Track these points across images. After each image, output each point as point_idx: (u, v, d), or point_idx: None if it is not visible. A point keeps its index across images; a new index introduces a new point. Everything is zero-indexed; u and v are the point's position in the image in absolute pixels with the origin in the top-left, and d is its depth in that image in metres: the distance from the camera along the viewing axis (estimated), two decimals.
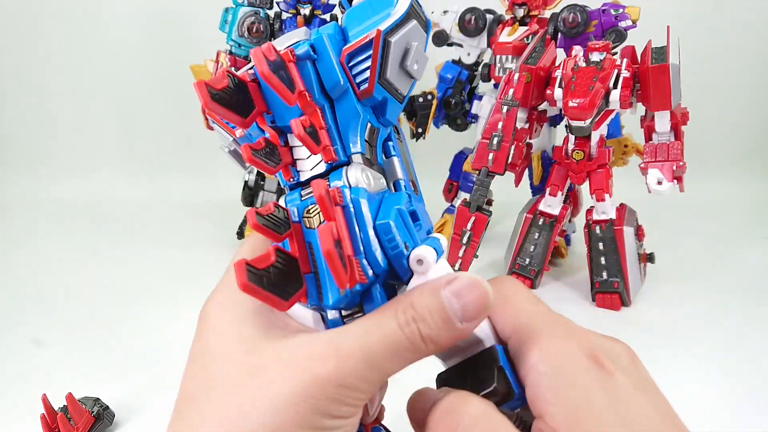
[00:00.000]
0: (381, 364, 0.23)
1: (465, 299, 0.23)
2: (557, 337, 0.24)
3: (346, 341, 0.23)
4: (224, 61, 1.01)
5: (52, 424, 0.63)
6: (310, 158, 0.26)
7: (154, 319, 0.89)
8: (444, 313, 0.23)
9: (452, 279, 0.24)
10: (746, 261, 1.05)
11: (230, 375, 0.24)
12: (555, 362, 0.23)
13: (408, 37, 0.26)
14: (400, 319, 0.23)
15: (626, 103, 0.80)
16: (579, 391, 0.22)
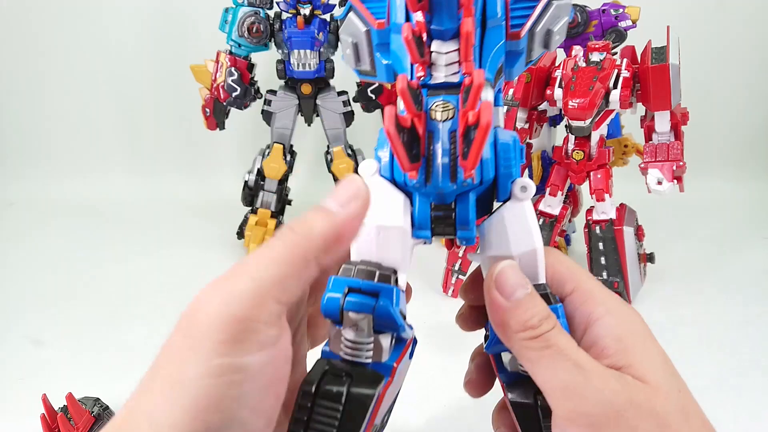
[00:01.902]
0: (263, 284, 0.23)
1: (337, 195, 0.25)
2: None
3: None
4: (224, 61, 1.01)
5: (52, 424, 0.63)
6: (449, 66, 0.28)
7: (154, 318, 0.89)
8: (318, 207, 0.25)
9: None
10: (746, 261, 1.05)
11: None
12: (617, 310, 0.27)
13: (562, 10, 0.29)
14: (286, 227, 0.25)
15: (626, 103, 0.80)
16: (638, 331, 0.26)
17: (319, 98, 1.05)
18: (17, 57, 1.43)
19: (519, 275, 0.26)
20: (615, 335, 0.26)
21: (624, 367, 0.25)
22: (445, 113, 0.27)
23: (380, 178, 0.28)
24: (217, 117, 1.05)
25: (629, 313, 0.27)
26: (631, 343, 0.26)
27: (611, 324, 0.26)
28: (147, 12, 1.38)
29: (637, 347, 0.25)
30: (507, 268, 0.26)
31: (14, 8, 1.39)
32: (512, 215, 0.28)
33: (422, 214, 0.27)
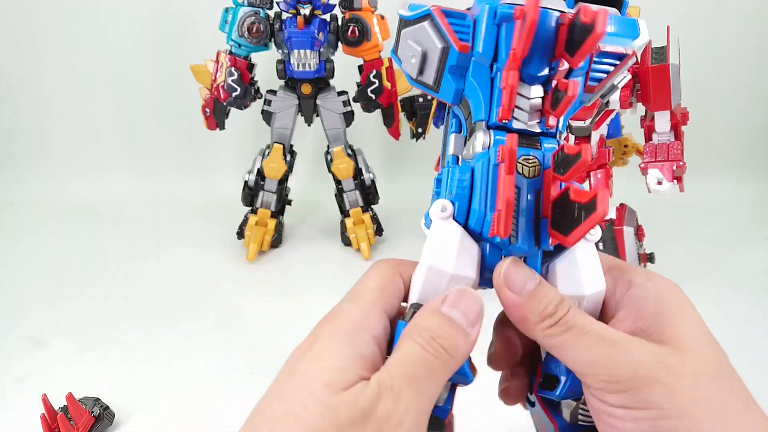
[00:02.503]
0: (424, 389, 0.24)
1: (461, 307, 0.26)
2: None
3: (394, 377, 0.24)
4: (224, 61, 1.01)
5: (52, 424, 0.63)
6: (533, 113, 0.28)
7: (154, 318, 0.89)
8: (452, 323, 0.25)
9: (443, 297, 0.26)
10: (746, 261, 1.05)
11: (304, 410, 0.24)
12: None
13: (627, 67, 0.30)
14: (420, 343, 0.25)
15: (626, 103, 0.80)
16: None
17: (319, 98, 1.05)
18: (17, 57, 1.43)
19: (524, 269, 0.27)
20: (653, 297, 0.26)
21: (659, 330, 0.25)
22: (533, 170, 0.27)
23: (454, 224, 0.28)
24: (217, 117, 1.05)
25: (668, 281, 0.28)
26: (668, 305, 0.26)
27: (650, 287, 0.27)
28: (147, 12, 1.38)
29: (674, 310, 0.26)
30: (511, 266, 0.27)
31: (14, 8, 1.39)
32: (584, 256, 0.28)
33: (492, 265, 0.27)
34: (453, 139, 0.31)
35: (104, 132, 1.48)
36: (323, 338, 0.26)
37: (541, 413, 0.29)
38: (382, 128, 1.11)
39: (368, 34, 1.01)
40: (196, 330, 0.86)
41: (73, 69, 1.43)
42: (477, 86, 0.28)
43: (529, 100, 0.27)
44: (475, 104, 0.29)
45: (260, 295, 0.97)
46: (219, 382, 0.74)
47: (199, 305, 0.93)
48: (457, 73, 0.29)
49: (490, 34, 0.27)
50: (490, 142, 0.28)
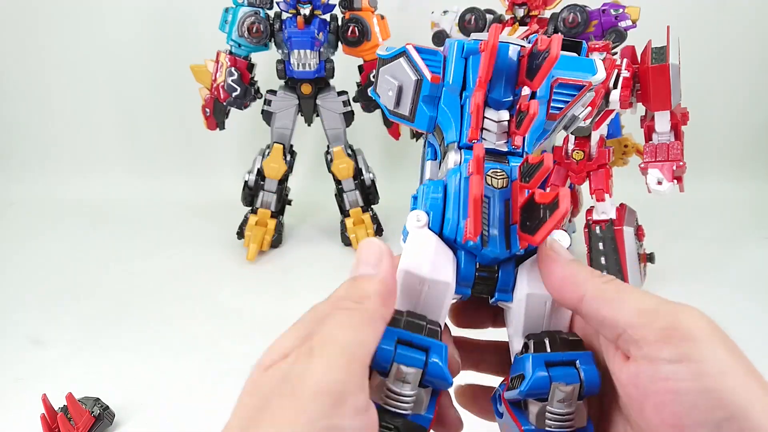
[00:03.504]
0: (339, 339, 0.24)
1: (360, 260, 0.27)
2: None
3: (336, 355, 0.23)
4: (224, 61, 1.01)
5: (52, 424, 0.63)
6: (500, 135, 0.31)
7: (154, 318, 0.89)
8: (354, 279, 0.27)
9: (353, 267, 0.28)
10: (746, 261, 1.05)
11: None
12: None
13: (588, 99, 0.33)
14: (331, 311, 0.25)
15: (626, 103, 0.80)
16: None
17: (319, 98, 1.05)
18: (17, 57, 1.43)
19: (567, 251, 0.28)
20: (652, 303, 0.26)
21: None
22: (501, 181, 0.29)
23: (429, 232, 0.29)
24: (217, 117, 1.05)
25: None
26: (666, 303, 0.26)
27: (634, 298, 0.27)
28: (147, 12, 1.38)
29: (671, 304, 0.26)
30: (557, 242, 0.28)
31: (15, 9, 1.39)
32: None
33: (467, 272, 0.29)
34: (429, 165, 0.34)
35: (104, 132, 1.48)
36: (329, 350, 0.23)
37: (507, 417, 0.29)
38: (382, 128, 1.11)
39: (368, 34, 1.01)
40: (196, 330, 0.86)
41: (74, 69, 1.43)
42: (448, 112, 0.32)
43: (496, 122, 0.30)
44: (446, 128, 0.32)
45: (260, 295, 0.97)
46: (219, 382, 0.74)
47: (199, 305, 0.93)
48: (430, 102, 0.32)
49: (459, 65, 0.31)
50: (461, 159, 0.30)
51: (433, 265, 0.28)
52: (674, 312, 0.23)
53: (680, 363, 0.22)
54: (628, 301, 0.24)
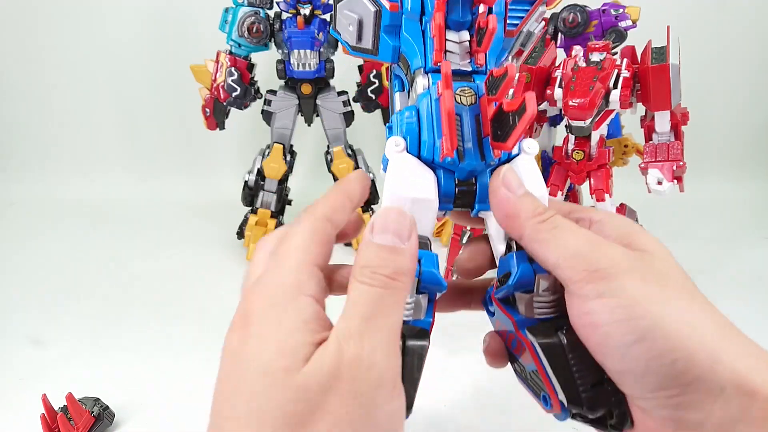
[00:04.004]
0: (384, 322, 0.25)
1: (390, 228, 0.27)
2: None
3: (351, 325, 0.24)
4: (224, 61, 1.01)
5: (52, 424, 0.63)
6: (464, 55, 0.32)
7: (153, 318, 0.89)
8: (387, 248, 0.26)
9: (370, 226, 0.27)
10: (746, 261, 1.05)
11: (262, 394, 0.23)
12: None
13: (540, 15, 0.34)
14: (365, 282, 0.25)
15: (626, 103, 0.80)
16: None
17: (319, 98, 1.05)
18: (17, 57, 1.43)
19: (519, 178, 0.29)
20: (616, 226, 0.29)
21: (627, 244, 0.28)
22: (470, 98, 0.30)
23: (408, 155, 0.30)
24: (217, 117, 1.05)
25: (625, 217, 0.30)
26: (630, 231, 0.28)
27: (608, 221, 0.29)
28: (147, 12, 1.38)
29: (636, 233, 0.28)
30: (508, 171, 0.29)
31: (15, 9, 1.39)
32: (524, 165, 0.31)
33: (447, 188, 0.30)
34: (398, 97, 0.36)
35: (104, 132, 1.48)
36: (257, 315, 0.25)
37: (499, 313, 0.31)
38: (382, 128, 1.11)
39: None
40: (196, 330, 0.86)
41: (74, 69, 1.43)
42: (411, 39, 0.33)
43: (458, 43, 0.32)
44: (411, 56, 0.33)
45: None
46: None
47: (200, 305, 0.93)
48: (392, 32, 0.33)
49: None
50: (429, 82, 0.32)
51: (416, 185, 0.30)
52: (598, 252, 0.26)
53: (599, 299, 0.25)
54: (557, 244, 0.27)
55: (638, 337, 0.24)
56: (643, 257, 0.27)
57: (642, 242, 0.28)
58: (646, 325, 0.24)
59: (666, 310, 0.25)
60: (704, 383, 0.24)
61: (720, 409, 0.24)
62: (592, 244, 0.26)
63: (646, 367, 0.24)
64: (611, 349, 0.25)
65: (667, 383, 0.24)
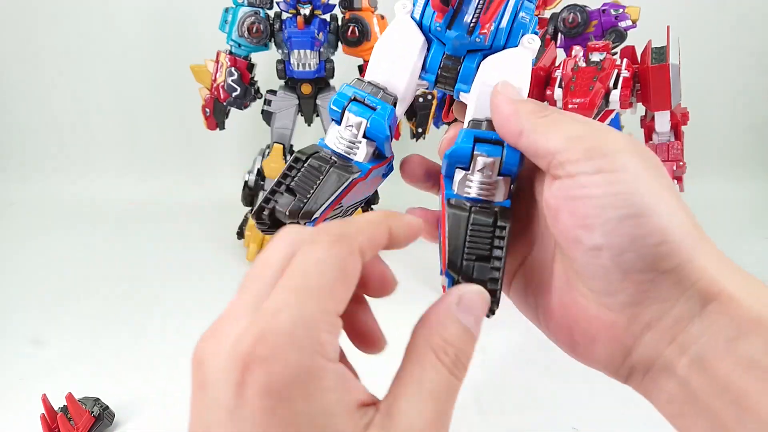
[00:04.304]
0: (448, 419, 0.23)
1: (475, 309, 0.25)
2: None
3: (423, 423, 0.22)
4: (224, 61, 1.01)
5: (52, 424, 0.63)
6: None
7: (153, 318, 0.89)
8: (469, 333, 0.24)
9: (457, 298, 0.24)
10: (746, 261, 1.04)
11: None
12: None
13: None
14: (448, 366, 0.23)
15: (626, 103, 0.80)
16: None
17: (319, 98, 1.05)
18: (17, 57, 1.43)
19: (518, 92, 0.29)
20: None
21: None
22: None
23: (409, 19, 0.31)
24: (217, 117, 1.05)
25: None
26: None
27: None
28: (147, 12, 1.38)
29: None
30: (506, 82, 0.29)
31: (15, 9, 1.39)
32: (514, 56, 0.30)
33: (434, 60, 0.31)
34: None
35: (104, 132, 1.48)
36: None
37: (440, 191, 0.32)
38: None
39: (368, 34, 1.01)
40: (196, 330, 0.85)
41: (74, 69, 1.44)
42: None
43: None
44: None
45: None
46: None
47: (199, 305, 0.93)
48: None
49: None
50: None
51: (403, 45, 0.31)
52: (598, 134, 0.26)
53: (597, 174, 0.24)
54: (559, 130, 0.26)
55: (633, 213, 0.24)
56: (643, 146, 0.26)
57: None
58: (642, 202, 0.24)
59: (662, 194, 0.24)
60: (678, 274, 0.24)
61: (681, 305, 0.24)
62: (594, 128, 0.26)
63: (630, 243, 0.24)
64: (600, 221, 0.24)
65: (645, 266, 0.24)
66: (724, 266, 0.26)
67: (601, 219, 0.24)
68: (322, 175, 0.29)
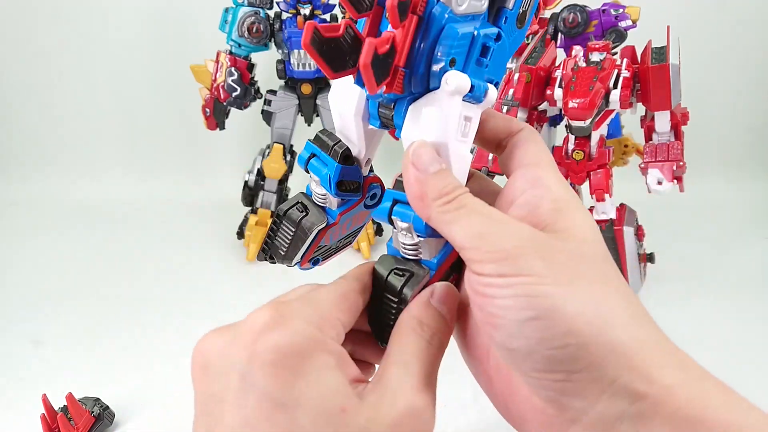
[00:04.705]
0: (435, 380, 0.27)
1: (447, 304, 0.28)
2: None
3: (419, 395, 0.25)
4: (224, 61, 1.01)
5: (52, 424, 0.63)
6: None
7: (154, 318, 0.89)
8: (443, 318, 0.28)
9: (430, 291, 0.28)
10: (746, 261, 1.05)
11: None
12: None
13: None
14: (425, 338, 0.27)
15: (626, 103, 0.80)
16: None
17: (319, 98, 1.05)
18: (18, 57, 1.43)
19: (432, 153, 0.27)
20: (556, 198, 0.27)
21: (552, 223, 0.26)
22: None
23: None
24: (217, 117, 1.05)
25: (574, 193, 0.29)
26: (567, 207, 0.27)
27: (555, 189, 0.27)
28: (147, 12, 1.38)
29: (572, 212, 0.27)
30: (420, 147, 0.27)
31: (15, 9, 1.39)
32: (433, 102, 0.27)
33: (372, 108, 0.30)
34: None
35: (104, 132, 1.48)
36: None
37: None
38: None
39: None
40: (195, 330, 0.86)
41: (74, 69, 1.44)
42: None
43: None
44: None
45: (260, 295, 0.97)
46: None
47: (199, 305, 0.93)
48: None
49: None
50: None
51: (344, 99, 0.31)
52: (500, 233, 0.25)
53: (499, 277, 0.24)
54: (461, 225, 0.26)
55: (535, 315, 0.23)
56: (556, 238, 0.25)
57: (565, 222, 0.26)
58: (546, 304, 0.23)
59: (570, 293, 0.24)
60: (592, 373, 0.23)
61: (605, 402, 0.23)
62: (498, 224, 0.25)
63: (536, 345, 0.23)
64: (505, 321, 0.24)
65: (554, 367, 0.24)
66: (661, 355, 0.24)
67: (505, 320, 0.24)
68: (292, 232, 0.33)
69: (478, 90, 0.27)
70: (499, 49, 0.28)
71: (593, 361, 0.23)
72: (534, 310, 0.23)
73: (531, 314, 0.23)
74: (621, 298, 0.25)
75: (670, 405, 0.22)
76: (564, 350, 0.23)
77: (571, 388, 0.24)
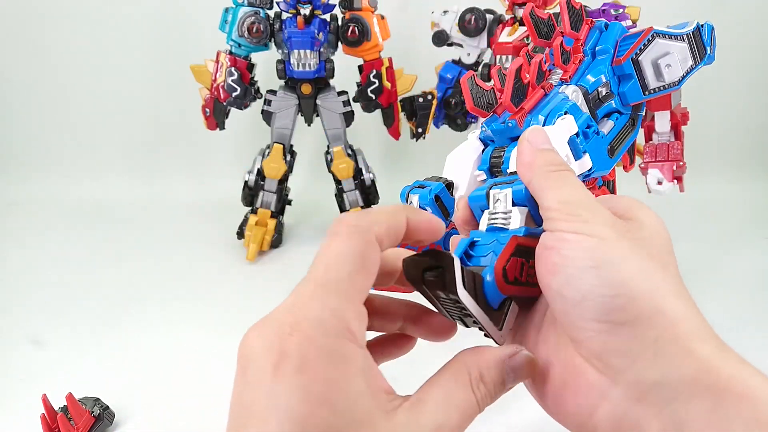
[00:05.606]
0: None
1: (520, 375, 0.27)
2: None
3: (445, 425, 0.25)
4: (224, 61, 1.01)
5: (52, 424, 0.63)
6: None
7: (154, 319, 0.89)
8: (504, 387, 0.27)
9: (513, 353, 0.27)
10: (746, 261, 1.05)
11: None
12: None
13: (671, 49, 0.46)
14: (477, 395, 0.26)
15: None
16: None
17: (319, 98, 1.05)
18: (18, 57, 1.43)
19: (546, 136, 0.32)
20: (623, 204, 0.32)
21: (629, 214, 0.31)
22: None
23: (474, 139, 0.41)
24: (217, 117, 1.05)
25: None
26: (633, 206, 0.32)
27: (621, 201, 0.33)
28: (147, 12, 1.38)
29: (643, 208, 0.32)
30: (536, 129, 0.32)
31: (15, 10, 1.39)
32: (553, 129, 0.37)
33: (486, 155, 0.40)
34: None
35: (104, 132, 1.48)
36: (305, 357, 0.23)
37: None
38: (382, 128, 1.11)
39: (368, 34, 1.01)
40: (195, 330, 0.86)
41: (74, 69, 1.44)
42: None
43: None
44: None
45: (260, 295, 0.97)
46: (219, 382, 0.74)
47: (199, 305, 0.93)
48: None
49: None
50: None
51: (460, 162, 0.40)
52: (584, 204, 0.28)
53: (572, 233, 0.27)
54: (557, 191, 0.29)
55: (595, 265, 0.25)
56: (627, 224, 0.29)
57: (637, 214, 0.30)
58: (606, 258, 0.25)
59: (630, 258, 0.26)
60: (636, 329, 0.24)
61: (644, 363, 0.24)
62: (586, 199, 0.28)
63: (588, 292, 0.25)
64: (566, 268, 0.26)
65: (601, 316, 0.25)
66: (705, 332, 0.25)
67: (567, 267, 0.26)
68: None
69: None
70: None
71: (639, 315, 0.24)
72: (595, 261, 0.25)
73: (592, 263, 0.25)
74: (674, 281, 0.26)
75: (711, 376, 0.23)
76: (614, 299, 0.24)
77: (614, 343, 0.25)
